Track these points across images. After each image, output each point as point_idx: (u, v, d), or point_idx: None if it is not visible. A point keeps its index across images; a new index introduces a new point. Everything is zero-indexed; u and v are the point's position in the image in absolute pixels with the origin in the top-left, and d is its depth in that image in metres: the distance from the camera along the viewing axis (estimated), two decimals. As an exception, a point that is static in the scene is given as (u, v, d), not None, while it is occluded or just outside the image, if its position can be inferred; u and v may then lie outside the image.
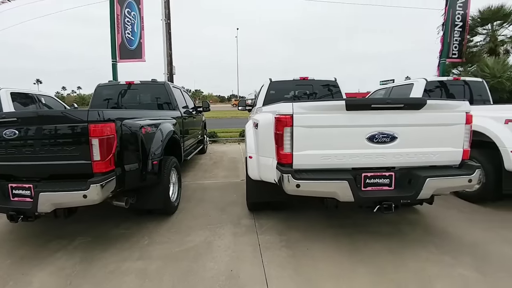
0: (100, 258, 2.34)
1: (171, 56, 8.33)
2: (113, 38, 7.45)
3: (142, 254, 2.40)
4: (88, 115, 2.15)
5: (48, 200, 2.13)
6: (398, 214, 3.07)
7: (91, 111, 2.19)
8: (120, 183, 2.36)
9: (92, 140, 2.13)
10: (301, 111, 2.16)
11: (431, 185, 2.16)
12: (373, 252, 2.36)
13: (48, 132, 2.20)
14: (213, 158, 6.80)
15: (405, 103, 2.21)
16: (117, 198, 2.54)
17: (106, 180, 2.17)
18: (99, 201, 2.15)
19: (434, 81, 4.93)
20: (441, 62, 8.56)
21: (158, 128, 3.03)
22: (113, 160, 2.26)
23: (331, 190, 2.14)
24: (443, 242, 2.51)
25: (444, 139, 2.32)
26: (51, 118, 2.26)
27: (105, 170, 2.20)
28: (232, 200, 3.70)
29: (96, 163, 2.16)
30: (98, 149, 2.14)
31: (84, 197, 2.08)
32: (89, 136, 2.13)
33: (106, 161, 2.20)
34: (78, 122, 2.15)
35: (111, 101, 4.76)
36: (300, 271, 2.12)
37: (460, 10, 8.52)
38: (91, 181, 2.09)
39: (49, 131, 2.20)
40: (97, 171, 2.17)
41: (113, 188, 2.26)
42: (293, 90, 4.89)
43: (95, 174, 2.16)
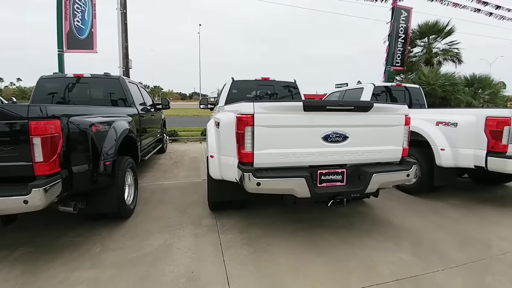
0: (46, 269, 2.11)
1: (127, 48, 7.75)
2: (59, 26, 6.65)
3: (94, 262, 2.22)
4: (29, 111, 1.90)
5: None
6: (350, 207, 3.35)
7: (32, 106, 1.94)
8: (67, 186, 2.14)
9: (34, 139, 1.89)
10: (261, 111, 2.22)
11: (376, 180, 2.41)
12: (328, 243, 2.53)
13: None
14: (173, 158, 6.56)
15: (355, 106, 2.43)
16: (64, 203, 2.31)
17: (51, 183, 1.96)
18: (42, 207, 1.93)
19: (380, 86, 5.50)
20: (387, 69, 9.60)
21: (111, 126, 2.81)
22: (58, 161, 2.04)
23: (290, 187, 2.25)
24: (386, 230, 2.81)
25: (387, 139, 2.60)
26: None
27: (49, 173, 1.97)
28: (193, 201, 3.62)
29: (38, 165, 1.93)
30: (41, 149, 1.91)
31: (25, 202, 1.85)
32: (29, 134, 1.88)
33: (50, 162, 1.97)
34: (17, 119, 1.89)
35: (56, 96, 4.27)
36: (261, 267, 2.18)
37: (403, 24, 9.59)
38: (33, 185, 1.86)
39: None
40: (40, 174, 1.94)
41: (58, 192, 2.05)
42: (255, 90, 4.98)
43: (37, 177, 1.93)
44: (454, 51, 11.02)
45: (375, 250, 2.44)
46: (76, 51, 6.92)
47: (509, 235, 2.78)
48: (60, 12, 6.66)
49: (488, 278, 2.07)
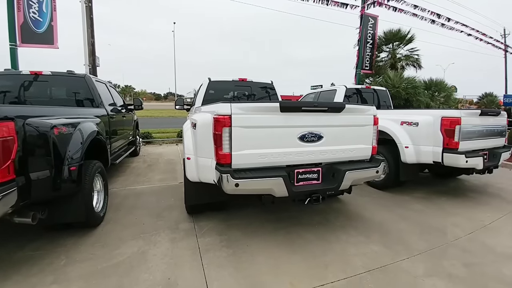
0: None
1: (93, 45, 7.22)
2: (10, 17, 6.01)
3: (57, 276, 2.03)
4: None
5: None
6: (326, 204, 3.48)
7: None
8: (23, 195, 1.94)
9: None
10: (239, 112, 2.21)
11: (349, 177, 2.52)
12: (305, 241, 2.59)
13: None
14: (147, 161, 6.29)
15: (329, 107, 2.52)
16: (21, 214, 2.07)
17: (3, 192, 1.75)
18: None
19: (352, 88, 5.78)
20: (357, 72, 10.16)
21: (76, 128, 2.60)
22: (12, 168, 1.84)
23: (268, 187, 2.26)
24: (359, 224, 2.96)
25: (358, 138, 2.74)
26: None
27: (1, 181, 1.77)
28: (170, 205, 3.50)
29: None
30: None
31: None
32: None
33: (3, 169, 1.77)
34: None
35: (9, 95, 3.85)
36: (240, 268, 2.17)
37: (370, 30, 10.19)
38: None
39: None
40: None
41: (13, 202, 1.84)
42: (232, 91, 4.95)
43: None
44: (414, 57, 12.03)
45: (349, 244, 2.55)
46: (33, 46, 6.28)
47: (461, 222, 3.10)
48: (11, 1, 6.03)
49: (444, 263, 2.29)
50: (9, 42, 6.10)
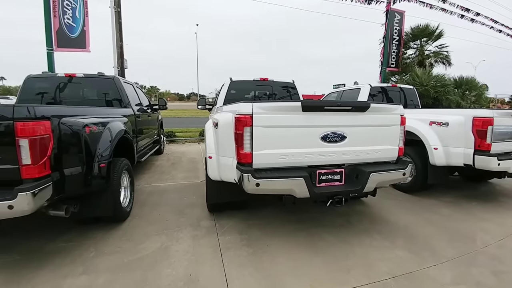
0: (32, 277, 2.02)
1: (122, 48, 7.60)
2: (47, 23, 6.46)
3: (86, 268, 2.15)
4: (14, 112, 1.80)
5: None
6: (348, 206, 3.37)
7: (18, 106, 1.84)
8: (58, 190, 2.06)
9: (20, 141, 1.80)
10: (260, 111, 2.20)
11: (374, 179, 2.42)
12: (326, 243, 2.53)
13: None
14: (170, 159, 6.47)
15: (353, 106, 2.44)
16: (55, 207, 2.21)
17: (40, 187, 1.87)
18: (30, 211, 1.84)
19: (377, 87, 5.57)
20: (382, 70, 9.78)
21: (106, 127, 2.74)
22: (48, 164, 1.96)
23: (289, 187, 2.23)
24: (383, 228, 2.85)
25: (384, 138, 2.63)
26: None
27: (38, 176, 1.88)
28: (192, 202, 3.57)
29: (25, 168, 1.83)
30: (28, 152, 1.82)
31: (10, 208, 1.75)
32: (15, 136, 1.79)
33: (39, 165, 1.88)
34: (0, 120, 1.80)
35: (46, 96, 4.14)
36: (260, 268, 2.16)
37: (397, 26, 9.78)
38: (19, 189, 1.77)
39: None
40: (27, 177, 1.84)
41: (49, 196, 1.96)
42: (253, 90, 4.96)
43: (25, 180, 1.84)
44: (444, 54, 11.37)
45: (372, 248, 2.46)
46: (67, 50, 6.73)
47: (491, 228, 2.90)
48: (47, 9, 6.46)
49: (472, 270, 2.17)
50: (46, 46, 6.58)
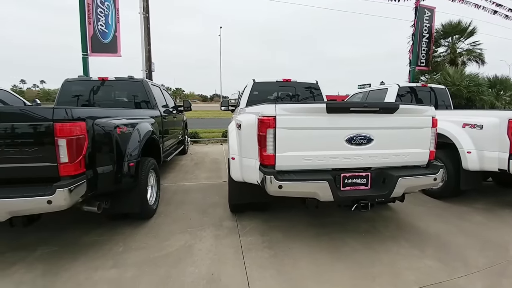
0: (67, 269, 2.16)
1: (150, 52, 7.95)
2: (83, 30, 6.91)
3: (116, 261, 2.26)
4: (54, 113, 1.93)
5: (1, 208, 1.87)
6: (374, 211, 3.25)
7: (57, 108, 1.98)
8: (91, 187, 2.20)
9: (59, 140, 1.94)
10: (284, 113, 2.19)
11: (402, 184, 2.31)
12: (350, 249, 2.46)
13: (3, 131, 1.93)
14: (194, 159, 6.64)
15: (381, 107, 2.34)
16: (88, 203, 2.36)
17: (75, 183, 2.00)
18: (66, 206, 1.97)
19: (405, 87, 5.30)
20: (411, 69, 9.31)
21: (135, 128, 2.88)
22: (83, 162, 2.09)
23: (312, 190, 2.20)
24: (412, 236, 2.70)
25: (414, 141, 2.50)
26: (7, 116, 1.98)
27: (74, 173, 2.02)
28: (214, 202, 3.64)
29: (63, 166, 1.97)
30: (66, 151, 1.95)
31: (49, 203, 1.88)
32: (55, 136, 1.93)
33: (76, 163, 2.02)
34: (42, 121, 1.93)
35: (81, 98, 4.43)
36: (282, 271, 2.14)
37: (426, 23, 9.28)
38: (57, 185, 1.90)
39: (4, 130, 1.93)
40: (65, 174, 1.98)
41: (83, 192, 2.10)
42: (276, 92, 4.96)
43: (62, 177, 1.98)
44: (477, 52, 10.63)
45: (400, 256, 2.35)
46: (101, 55, 7.16)
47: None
48: (83, 16, 6.90)
49: (504, 281, 2.05)
50: (81, 52, 7.04)
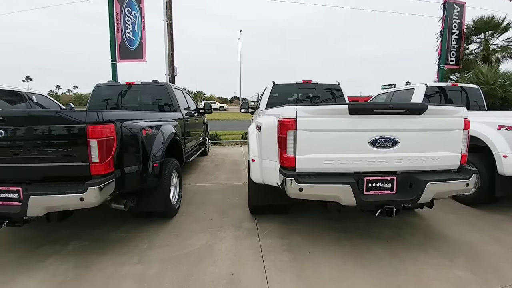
0: (96, 262, 2.29)
1: (173, 57, 8.28)
2: (112, 37, 7.34)
3: (141, 258, 2.36)
4: (87, 116, 2.07)
5: (39, 204, 2.02)
6: (399, 217, 3.11)
7: (90, 111, 2.11)
8: (119, 186, 2.31)
9: (91, 141, 2.07)
10: (304, 115, 2.17)
11: (431, 189, 2.19)
12: (374, 256, 2.37)
13: (41, 132, 2.09)
14: (214, 161, 6.76)
15: (407, 108, 2.24)
16: (116, 201, 2.49)
17: (105, 182, 2.12)
18: (97, 204, 2.09)
19: (433, 87, 5.02)
20: (440, 68, 8.79)
21: (159, 130, 3.00)
22: (112, 162, 2.21)
23: (334, 194, 2.15)
24: (441, 245, 2.55)
25: (443, 144, 2.36)
26: (45, 118, 2.16)
27: (104, 172, 2.14)
28: (234, 203, 3.68)
29: (94, 165, 2.10)
30: (97, 151, 2.08)
31: (81, 199, 2.01)
32: (87, 137, 2.06)
33: (105, 163, 2.14)
34: (75, 123, 2.08)
35: (110, 102, 4.70)
36: (302, 275, 2.11)
37: (456, 19, 8.75)
38: (89, 184, 2.03)
39: (42, 132, 2.09)
40: (96, 173, 2.11)
41: (112, 191, 2.21)
42: (296, 93, 4.92)
43: (93, 176, 2.10)
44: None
45: (427, 266, 2.22)
46: (128, 61, 7.56)
47: None
48: (112, 25, 7.33)
49: None
50: (111, 58, 7.47)
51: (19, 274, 2.13)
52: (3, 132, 2.09)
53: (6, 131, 2.09)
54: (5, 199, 2.15)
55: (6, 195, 2.15)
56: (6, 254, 2.43)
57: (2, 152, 2.12)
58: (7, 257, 2.38)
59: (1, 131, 2.09)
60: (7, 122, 2.10)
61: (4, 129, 2.09)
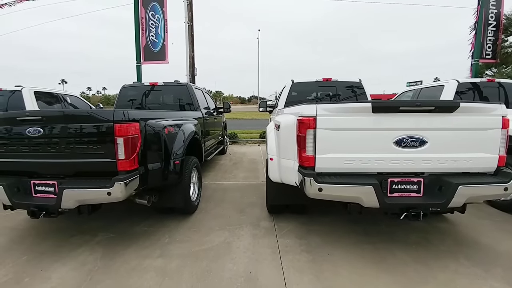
0: (121, 254, 2.40)
1: (193, 58, 8.50)
2: (137, 41, 7.67)
3: (162, 252, 2.44)
4: (114, 115, 2.19)
5: (72, 197, 2.17)
6: (427, 222, 2.93)
7: (117, 111, 2.22)
8: (143, 182, 2.41)
9: (118, 139, 2.17)
10: (325, 113, 2.11)
11: (463, 193, 2.04)
12: (398, 261, 2.25)
13: (73, 131, 2.24)
14: (233, 159, 6.84)
15: (437, 106, 2.11)
16: (140, 196, 2.60)
17: (130, 178, 2.22)
18: (122, 198, 2.19)
19: (466, 83, 4.63)
20: (474, 62, 8.13)
21: (180, 129, 3.08)
22: (137, 159, 2.31)
23: (355, 195, 2.07)
24: (474, 253, 2.36)
25: (478, 144, 2.18)
26: (77, 118, 2.31)
27: (129, 169, 2.24)
28: (252, 202, 3.69)
29: (120, 162, 2.21)
30: (123, 148, 2.18)
31: (108, 194, 2.12)
32: (114, 135, 2.17)
33: (130, 160, 2.24)
34: (104, 122, 2.19)
35: (135, 102, 4.91)
36: (321, 277, 2.06)
37: (493, 9, 8.05)
38: (116, 179, 2.13)
39: (75, 130, 2.24)
40: (122, 170, 2.21)
41: (136, 186, 2.31)
42: (315, 92, 4.81)
43: (120, 172, 2.21)
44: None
45: (459, 275, 2.06)
46: (151, 63, 7.88)
47: None
48: (138, 29, 7.66)
49: None
50: (136, 60, 7.81)
51: (55, 262, 2.30)
52: (41, 130, 2.27)
53: (44, 129, 2.27)
54: (42, 192, 2.35)
55: (44, 188, 2.35)
56: (43, 243, 2.64)
57: (40, 148, 2.31)
58: (44, 245, 2.59)
59: (40, 129, 2.27)
60: (45, 121, 2.28)
61: (43, 127, 2.27)
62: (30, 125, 2.28)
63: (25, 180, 2.38)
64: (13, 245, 2.60)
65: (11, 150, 2.38)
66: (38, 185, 2.36)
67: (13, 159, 2.40)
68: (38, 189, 2.36)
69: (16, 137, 2.36)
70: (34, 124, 2.28)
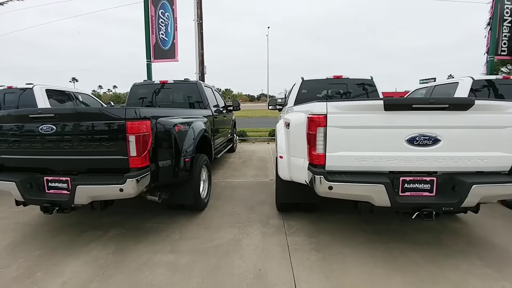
0: (133, 249, 2.45)
1: (202, 56, 8.54)
2: (147, 39, 7.74)
3: (173, 248, 2.48)
4: (126, 113, 2.21)
5: (85, 193, 2.22)
6: (438, 222, 2.88)
7: (128, 109, 2.25)
8: (154, 179, 2.44)
9: (129, 136, 2.21)
10: (335, 111, 2.10)
11: (477, 193, 1.99)
12: (409, 261, 2.23)
13: (86, 128, 2.28)
14: (242, 157, 6.86)
15: (451, 103, 2.06)
16: (151, 193, 2.64)
17: (141, 175, 2.25)
18: (134, 195, 2.23)
19: (481, 80, 4.50)
20: (489, 59, 7.89)
21: (190, 126, 3.11)
22: (148, 156, 2.34)
23: (366, 193, 2.06)
24: (487, 254, 2.32)
25: (493, 143, 2.13)
26: (89, 115, 2.35)
27: (141, 166, 2.28)
28: (261, 200, 3.69)
29: (132, 159, 2.24)
30: (135, 146, 2.22)
31: (120, 190, 2.16)
32: (126, 133, 2.20)
33: (142, 157, 2.28)
34: (116, 120, 2.22)
35: (145, 100, 4.97)
36: (331, 276, 2.06)
37: (509, 4, 7.78)
38: (128, 176, 2.17)
39: (87, 128, 2.28)
40: (133, 166, 2.25)
41: (147, 183, 2.35)
42: (325, 89, 4.76)
43: (131, 169, 2.24)
44: None
45: (471, 275, 2.03)
46: (161, 61, 7.93)
47: None
48: (147, 27, 7.71)
49: None
50: (146, 59, 7.88)
51: (67, 256, 2.36)
52: (54, 128, 2.32)
53: (57, 126, 2.32)
54: (56, 188, 2.41)
55: (57, 185, 2.40)
56: (56, 237, 2.71)
57: (54, 145, 2.36)
58: (57, 240, 2.65)
59: (53, 127, 2.32)
60: (58, 119, 2.32)
61: (55, 124, 2.32)
62: (43, 123, 2.33)
63: (38, 177, 2.43)
64: (26, 240, 2.68)
65: (24, 147, 2.43)
66: (51, 181, 2.41)
67: (25, 156, 2.45)
68: (51, 185, 2.41)
69: (28, 134, 2.41)
70: (46, 121, 2.32)
